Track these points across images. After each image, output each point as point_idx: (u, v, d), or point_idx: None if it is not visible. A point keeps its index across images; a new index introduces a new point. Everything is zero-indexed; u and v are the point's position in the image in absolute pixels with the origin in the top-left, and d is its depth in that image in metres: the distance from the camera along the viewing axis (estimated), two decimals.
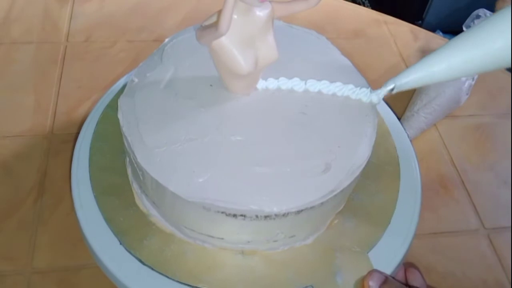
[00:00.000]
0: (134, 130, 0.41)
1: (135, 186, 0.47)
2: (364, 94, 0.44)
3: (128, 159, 0.46)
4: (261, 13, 0.38)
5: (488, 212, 0.56)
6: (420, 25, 0.79)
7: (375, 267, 0.43)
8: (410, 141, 0.54)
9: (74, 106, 0.61)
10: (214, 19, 0.39)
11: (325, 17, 0.78)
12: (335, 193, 0.39)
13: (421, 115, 0.62)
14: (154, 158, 0.39)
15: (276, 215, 0.39)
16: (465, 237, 0.54)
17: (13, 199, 0.52)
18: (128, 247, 0.43)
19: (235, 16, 0.37)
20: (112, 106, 0.53)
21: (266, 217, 0.39)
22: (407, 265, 0.45)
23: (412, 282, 0.44)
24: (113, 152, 0.49)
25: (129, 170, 0.48)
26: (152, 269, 0.42)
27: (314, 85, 0.44)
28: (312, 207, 0.39)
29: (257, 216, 0.38)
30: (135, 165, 0.41)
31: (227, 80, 0.43)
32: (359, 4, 0.90)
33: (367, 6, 0.91)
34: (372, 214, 0.47)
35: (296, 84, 0.44)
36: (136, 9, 0.76)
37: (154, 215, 0.45)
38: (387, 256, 0.44)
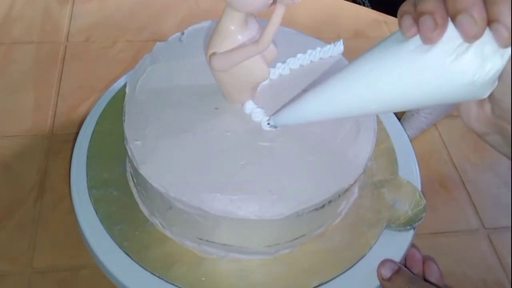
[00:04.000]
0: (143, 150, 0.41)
1: (132, 183, 0.47)
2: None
3: (130, 165, 0.46)
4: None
5: (488, 212, 0.56)
6: None
7: (374, 265, 0.43)
8: (410, 141, 0.54)
9: (74, 106, 0.61)
10: (221, 45, 0.38)
11: (325, 17, 0.78)
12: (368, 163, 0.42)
13: (421, 115, 0.62)
14: (167, 175, 0.39)
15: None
16: (465, 237, 0.54)
17: (13, 199, 0.52)
18: (128, 250, 0.43)
19: (232, 27, 0.37)
20: (112, 106, 0.53)
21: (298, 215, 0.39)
22: (425, 257, 0.46)
23: (429, 275, 0.44)
24: (113, 152, 0.49)
25: (129, 175, 0.48)
26: (148, 271, 0.42)
27: (294, 62, 0.47)
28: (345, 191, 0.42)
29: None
30: (143, 182, 0.41)
31: (238, 92, 0.42)
32: (359, 4, 0.90)
33: (367, 6, 0.91)
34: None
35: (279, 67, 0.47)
36: (136, 9, 0.76)
37: (153, 217, 0.45)
38: (387, 255, 0.44)
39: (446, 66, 0.27)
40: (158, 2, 0.77)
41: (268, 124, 0.39)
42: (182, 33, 0.50)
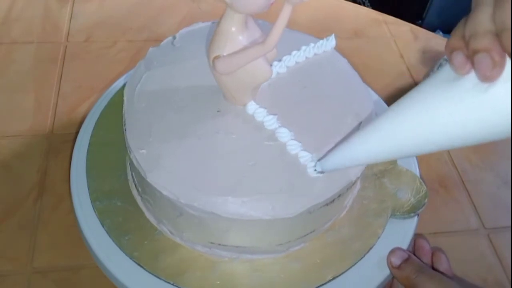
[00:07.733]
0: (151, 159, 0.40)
1: (135, 192, 0.47)
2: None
3: (134, 174, 0.45)
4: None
5: (488, 212, 0.56)
6: (420, 25, 0.79)
7: (384, 254, 0.44)
8: None
9: (74, 106, 0.61)
10: (224, 48, 0.38)
11: (325, 17, 0.78)
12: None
13: None
14: (173, 180, 0.39)
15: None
16: (465, 237, 0.54)
17: (13, 199, 0.52)
18: (139, 261, 0.43)
19: (233, 29, 0.37)
20: (112, 106, 0.53)
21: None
22: (434, 248, 0.46)
23: (438, 265, 0.44)
24: (112, 153, 0.49)
25: (129, 176, 0.48)
26: (162, 279, 0.42)
27: (290, 59, 0.48)
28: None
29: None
30: (147, 186, 0.41)
31: (240, 93, 0.42)
32: (359, 4, 0.90)
33: (367, 6, 0.91)
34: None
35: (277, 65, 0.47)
36: (136, 9, 0.76)
37: (162, 225, 0.45)
38: (394, 243, 0.45)
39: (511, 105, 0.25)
40: (158, 2, 0.77)
41: (315, 170, 0.39)
42: (174, 37, 0.50)
